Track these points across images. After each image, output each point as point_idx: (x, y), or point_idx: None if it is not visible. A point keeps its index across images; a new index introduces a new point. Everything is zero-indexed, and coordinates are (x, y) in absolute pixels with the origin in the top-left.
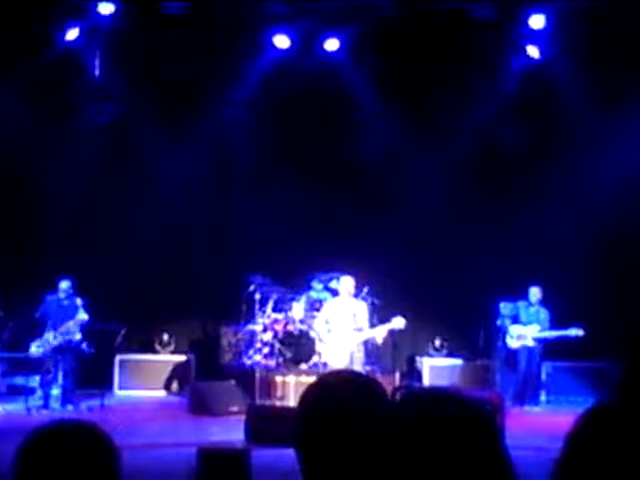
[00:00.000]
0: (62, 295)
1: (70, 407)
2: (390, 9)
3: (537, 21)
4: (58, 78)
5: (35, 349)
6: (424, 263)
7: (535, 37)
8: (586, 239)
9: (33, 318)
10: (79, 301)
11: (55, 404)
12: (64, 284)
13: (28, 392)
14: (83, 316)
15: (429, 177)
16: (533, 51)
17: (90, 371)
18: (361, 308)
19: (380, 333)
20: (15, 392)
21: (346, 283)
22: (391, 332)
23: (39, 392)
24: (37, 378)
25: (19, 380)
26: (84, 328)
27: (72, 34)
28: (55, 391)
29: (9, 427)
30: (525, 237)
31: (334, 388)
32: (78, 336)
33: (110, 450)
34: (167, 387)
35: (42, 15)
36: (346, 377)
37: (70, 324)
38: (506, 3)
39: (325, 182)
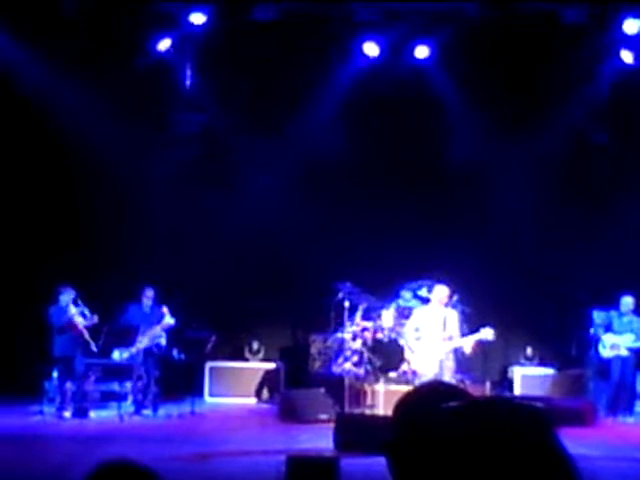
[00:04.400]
0: (148, 303)
1: (162, 413)
2: (480, 14)
3: (631, 25)
4: (150, 88)
5: (118, 354)
6: (516, 271)
7: (629, 42)
8: None
9: (120, 326)
10: (165, 309)
11: (147, 410)
12: (149, 292)
13: (121, 398)
14: (169, 321)
15: (520, 183)
16: (627, 56)
17: (181, 378)
18: (452, 316)
19: (468, 343)
20: (108, 398)
21: (440, 292)
22: (481, 342)
23: (131, 398)
24: (129, 384)
25: (112, 386)
26: (175, 335)
27: (164, 44)
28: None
29: (102, 434)
30: (620, 245)
31: (429, 397)
32: (164, 341)
33: None
34: (257, 394)
35: (135, 25)
36: (441, 388)
37: (157, 329)
38: (599, 7)
39: (415, 189)
